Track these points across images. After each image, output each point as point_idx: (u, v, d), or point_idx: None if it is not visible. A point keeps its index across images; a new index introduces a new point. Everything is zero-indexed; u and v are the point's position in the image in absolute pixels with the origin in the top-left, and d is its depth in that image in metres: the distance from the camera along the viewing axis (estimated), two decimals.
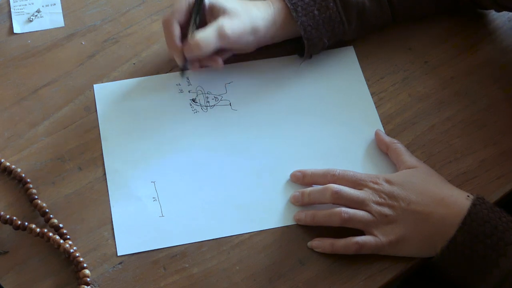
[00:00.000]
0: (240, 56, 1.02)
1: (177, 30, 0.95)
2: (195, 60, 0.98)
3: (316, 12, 0.98)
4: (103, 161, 0.94)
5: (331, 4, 0.98)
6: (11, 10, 1.06)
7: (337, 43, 1.03)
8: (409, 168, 0.92)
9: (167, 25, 0.95)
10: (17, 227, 0.88)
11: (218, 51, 0.97)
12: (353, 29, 1.01)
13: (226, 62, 1.01)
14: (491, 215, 0.85)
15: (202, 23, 0.96)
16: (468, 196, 0.88)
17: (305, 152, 0.96)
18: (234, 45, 0.97)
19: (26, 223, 0.88)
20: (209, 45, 0.94)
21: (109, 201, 0.91)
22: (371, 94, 1.01)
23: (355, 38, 1.04)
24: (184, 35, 0.95)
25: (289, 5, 0.97)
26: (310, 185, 0.92)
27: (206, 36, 0.93)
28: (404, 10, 1.03)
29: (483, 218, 0.85)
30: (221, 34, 0.94)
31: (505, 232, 0.84)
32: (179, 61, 0.97)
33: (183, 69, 0.98)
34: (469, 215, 0.85)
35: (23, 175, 0.92)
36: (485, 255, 0.84)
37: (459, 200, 0.87)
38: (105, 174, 0.93)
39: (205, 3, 0.96)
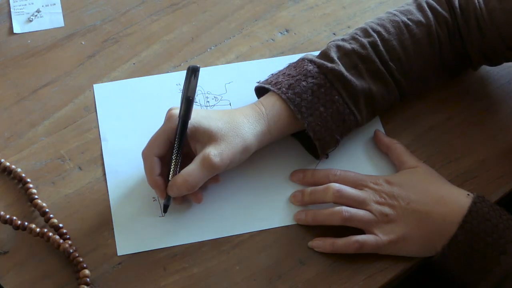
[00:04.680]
0: (239, 56, 1.02)
1: (156, 166, 0.87)
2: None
3: (321, 108, 0.90)
4: (103, 161, 0.94)
5: (336, 97, 0.90)
6: (11, 10, 1.06)
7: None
8: (409, 168, 0.92)
9: (145, 160, 0.88)
10: (17, 227, 0.88)
11: None
12: (364, 116, 0.93)
13: (226, 62, 1.01)
14: (491, 213, 0.85)
15: (185, 147, 0.88)
16: (468, 194, 0.88)
17: (305, 152, 0.96)
18: (225, 170, 0.88)
19: (26, 223, 0.88)
20: (197, 183, 0.86)
21: (109, 201, 0.91)
22: None
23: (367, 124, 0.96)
24: (166, 166, 0.88)
25: (292, 107, 0.89)
26: (310, 185, 0.92)
27: (192, 174, 0.85)
28: (413, 87, 0.96)
29: (483, 216, 0.85)
30: (209, 167, 0.85)
31: (505, 230, 0.84)
32: (161, 197, 0.88)
33: (166, 206, 0.89)
34: (470, 213, 0.85)
35: (23, 175, 0.92)
36: (485, 253, 0.84)
37: (459, 198, 0.87)
38: (105, 174, 0.93)
39: (187, 132, 0.87)
